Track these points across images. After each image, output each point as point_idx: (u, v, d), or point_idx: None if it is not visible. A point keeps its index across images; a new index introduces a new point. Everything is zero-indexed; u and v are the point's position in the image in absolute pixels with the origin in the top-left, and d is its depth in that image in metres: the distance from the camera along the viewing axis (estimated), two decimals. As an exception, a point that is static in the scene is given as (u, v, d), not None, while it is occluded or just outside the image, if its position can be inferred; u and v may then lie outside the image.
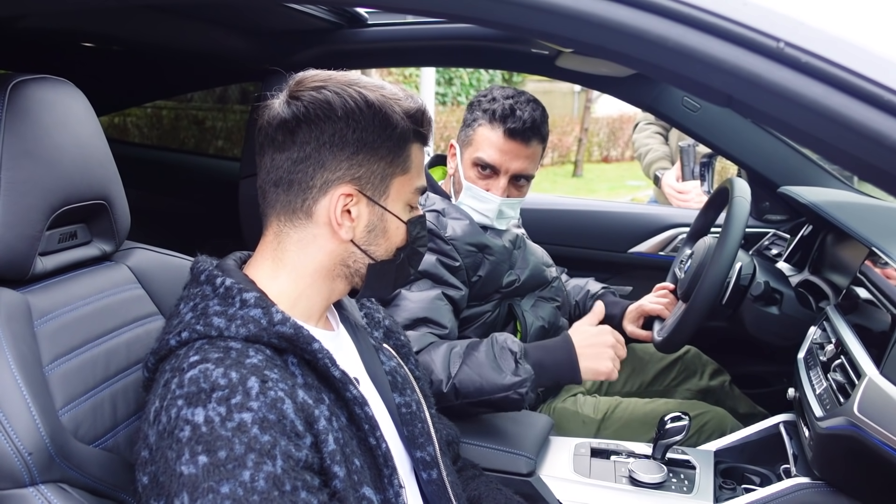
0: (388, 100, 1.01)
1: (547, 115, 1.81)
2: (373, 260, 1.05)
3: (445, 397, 1.51)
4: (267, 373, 0.89)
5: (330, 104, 0.98)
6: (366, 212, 1.02)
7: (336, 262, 1.04)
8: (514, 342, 1.56)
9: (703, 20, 0.69)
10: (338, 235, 1.01)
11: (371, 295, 1.11)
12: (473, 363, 1.53)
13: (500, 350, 1.54)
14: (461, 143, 1.84)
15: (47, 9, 1.44)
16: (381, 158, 1.01)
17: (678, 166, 2.77)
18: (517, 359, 1.52)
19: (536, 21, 0.75)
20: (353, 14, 2.17)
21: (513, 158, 1.76)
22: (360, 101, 0.98)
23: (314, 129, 0.98)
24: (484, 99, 1.80)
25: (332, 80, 1.00)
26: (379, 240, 1.05)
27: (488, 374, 1.51)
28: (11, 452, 0.88)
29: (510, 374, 1.50)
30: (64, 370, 1.01)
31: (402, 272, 1.11)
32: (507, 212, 1.83)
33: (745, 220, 1.65)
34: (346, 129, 0.98)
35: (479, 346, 1.57)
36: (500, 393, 1.50)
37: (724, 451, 1.65)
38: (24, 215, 1.00)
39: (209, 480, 0.81)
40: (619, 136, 15.19)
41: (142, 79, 2.71)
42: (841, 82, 0.66)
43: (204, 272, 1.00)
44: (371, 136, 0.99)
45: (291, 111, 0.98)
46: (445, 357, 1.54)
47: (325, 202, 1.00)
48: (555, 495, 1.48)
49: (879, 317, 1.38)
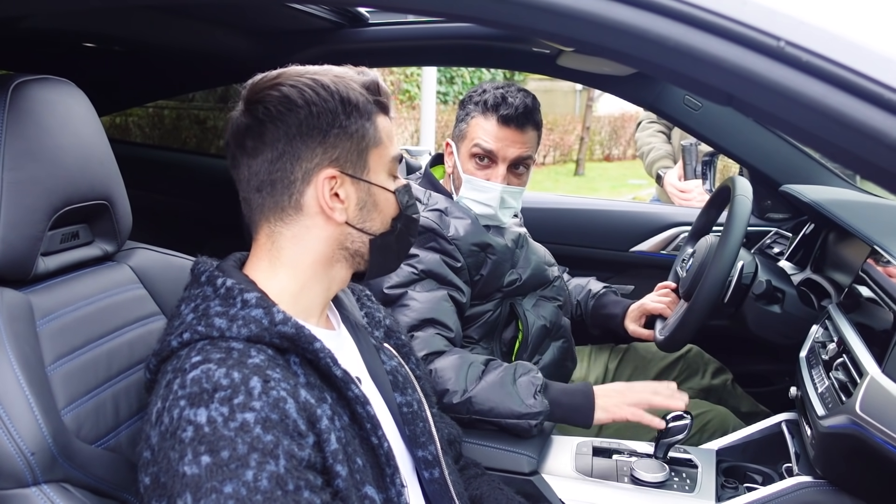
0: (342, 78, 1.02)
1: (538, 103, 1.82)
2: (372, 235, 1.06)
3: (455, 408, 1.52)
4: (269, 372, 0.89)
5: (288, 98, 0.99)
6: (353, 190, 1.04)
7: (334, 247, 1.04)
8: (538, 376, 1.57)
9: (704, 19, 0.69)
10: (332, 220, 1.02)
11: (379, 273, 1.13)
12: (492, 383, 1.54)
13: (521, 377, 1.55)
14: (456, 140, 1.85)
15: (49, 9, 1.44)
16: (351, 135, 1.02)
17: (680, 165, 2.77)
18: (536, 392, 1.53)
19: (538, 20, 0.75)
20: (354, 13, 2.17)
21: (509, 145, 1.77)
22: (316, 87, 1.00)
23: (280, 125, 0.99)
24: (475, 94, 1.82)
25: (284, 75, 1.02)
26: (372, 214, 1.06)
27: (505, 398, 1.52)
28: (14, 452, 0.88)
29: (526, 404, 1.51)
30: (66, 370, 1.01)
31: (403, 242, 1.13)
32: (509, 200, 1.83)
33: (746, 218, 1.65)
34: (311, 116, 0.99)
35: (499, 368, 1.58)
36: (511, 419, 1.52)
37: (726, 450, 1.65)
38: (27, 215, 1.00)
39: (212, 480, 0.81)
40: (620, 135, 15.19)
41: (143, 79, 2.71)
42: (842, 81, 0.66)
43: (204, 273, 1.00)
44: (336, 117, 1.00)
45: (254, 116, 1.00)
46: (462, 370, 1.55)
47: (311, 191, 1.01)
48: (557, 494, 1.48)
49: (881, 315, 1.38)
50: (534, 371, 1.58)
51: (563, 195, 3.33)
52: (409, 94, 12.24)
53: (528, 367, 1.60)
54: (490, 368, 1.58)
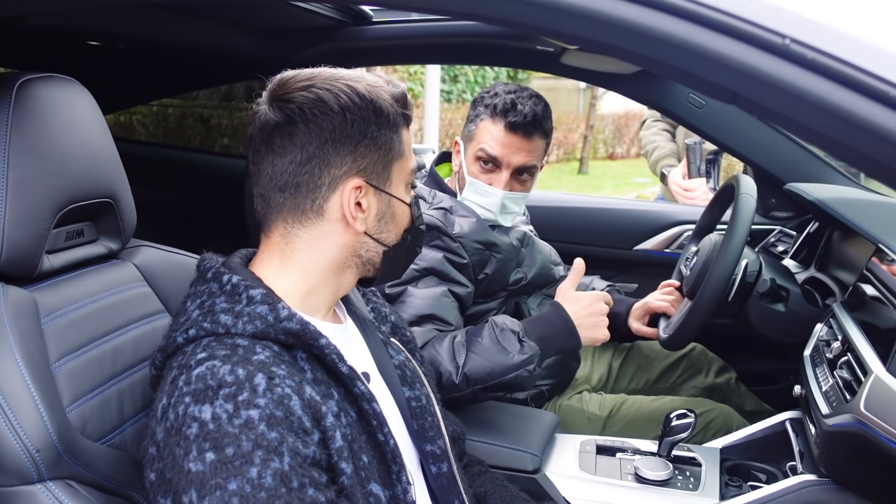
0: (376, 88, 1.02)
1: (550, 110, 1.81)
2: (386, 247, 1.07)
3: (457, 387, 1.53)
4: (274, 369, 0.89)
5: (324, 101, 0.98)
6: (374, 201, 1.04)
7: (348, 254, 1.05)
8: (514, 322, 1.59)
9: (709, 17, 0.69)
10: (352, 228, 1.02)
11: (386, 281, 1.14)
12: (479, 349, 1.55)
13: (501, 332, 1.57)
14: (465, 139, 1.84)
15: (54, 8, 1.45)
16: (380, 147, 1.02)
17: (684, 164, 2.77)
18: (520, 338, 1.56)
19: (542, 18, 0.75)
20: (358, 12, 2.17)
21: (514, 152, 1.77)
22: (352, 94, 0.99)
23: (313, 128, 0.98)
24: (487, 95, 1.81)
25: (318, 77, 1.00)
26: (389, 226, 1.07)
27: (495, 357, 1.54)
28: (19, 449, 0.89)
29: (517, 354, 1.53)
30: (71, 367, 1.01)
31: (411, 252, 1.14)
32: (511, 206, 1.83)
33: (750, 216, 1.65)
34: (345, 123, 0.98)
35: (480, 332, 1.59)
36: (510, 373, 1.53)
37: (730, 449, 1.65)
38: (32, 213, 1.00)
39: (217, 477, 0.81)
40: (624, 133, 15.17)
41: (147, 77, 2.71)
42: (846, 78, 0.66)
43: (210, 269, 1.00)
44: (368, 127, 1.00)
45: (285, 114, 0.98)
46: (450, 348, 1.56)
47: (335, 198, 1.01)
48: (560, 492, 1.48)
49: (886, 314, 1.38)
50: (509, 320, 1.60)
51: (566, 193, 3.33)
52: (412, 93, 12.24)
53: (501, 318, 1.61)
54: (472, 336, 1.59)
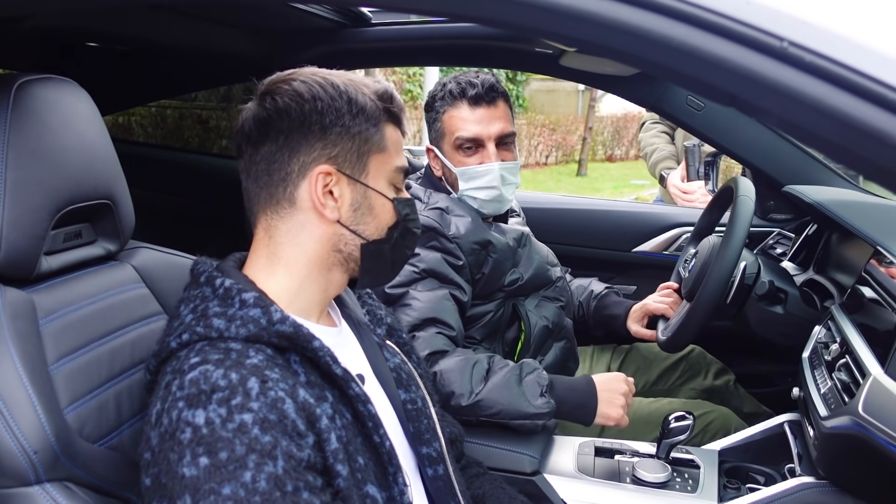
0: (355, 83, 1.04)
1: (498, 77, 1.86)
2: (364, 240, 1.05)
3: (463, 410, 1.52)
4: (267, 373, 0.89)
5: (297, 92, 1.00)
6: (348, 190, 1.04)
7: (328, 248, 1.04)
8: (543, 374, 1.59)
9: (707, 19, 0.69)
10: (324, 217, 1.02)
11: (371, 281, 1.12)
12: (499, 385, 1.55)
13: (527, 378, 1.57)
14: (436, 141, 1.86)
15: (52, 9, 1.44)
16: (353, 136, 1.02)
17: (683, 166, 2.77)
18: (543, 391, 1.55)
19: (540, 20, 0.75)
20: (357, 14, 2.17)
21: (488, 122, 1.79)
22: (325, 85, 1.01)
23: (284, 117, 1.00)
24: (437, 92, 1.86)
25: (301, 73, 1.03)
26: (366, 218, 1.05)
27: (512, 399, 1.54)
28: (17, 451, 0.89)
29: (534, 405, 1.53)
30: (69, 369, 1.01)
31: (399, 253, 1.11)
32: (509, 177, 1.84)
33: (749, 219, 1.65)
34: (313, 111, 1.00)
35: (504, 367, 1.58)
36: (520, 419, 1.54)
37: (729, 451, 1.65)
38: (30, 215, 1.00)
39: (211, 482, 0.81)
40: (623, 135, 15.18)
41: (146, 78, 2.71)
42: (845, 81, 0.66)
43: (203, 273, 1.00)
44: (340, 116, 1.01)
45: (263, 107, 1.01)
46: (466, 371, 1.55)
47: (305, 185, 1.02)
48: (559, 494, 1.48)
49: (884, 316, 1.38)
50: (539, 370, 1.59)
51: (565, 195, 3.32)
52: (411, 95, 12.24)
53: (532, 365, 1.61)
54: (494, 368, 1.58)
